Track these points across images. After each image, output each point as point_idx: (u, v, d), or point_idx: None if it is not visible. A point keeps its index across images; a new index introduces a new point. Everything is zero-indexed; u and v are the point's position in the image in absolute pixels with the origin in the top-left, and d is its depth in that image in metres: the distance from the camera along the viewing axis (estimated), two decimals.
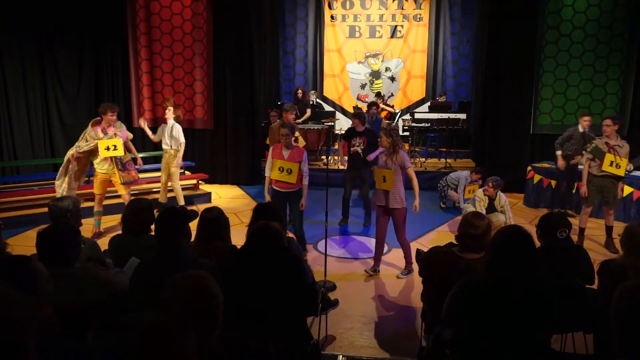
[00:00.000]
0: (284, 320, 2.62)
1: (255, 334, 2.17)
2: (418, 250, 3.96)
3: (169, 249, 2.69)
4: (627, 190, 7.02)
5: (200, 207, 7.52)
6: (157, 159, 8.18)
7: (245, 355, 1.89)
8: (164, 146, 6.94)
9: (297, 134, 7.20)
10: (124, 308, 2.38)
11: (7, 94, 8.09)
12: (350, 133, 6.87)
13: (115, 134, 5.99)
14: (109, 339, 1.86)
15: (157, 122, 9.32)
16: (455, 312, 2.37)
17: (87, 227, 5.48)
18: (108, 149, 5.89)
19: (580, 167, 6.75)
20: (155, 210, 3.34)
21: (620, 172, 5.82)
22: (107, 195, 6.45)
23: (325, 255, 4.67)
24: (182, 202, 6.96)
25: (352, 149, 6.84)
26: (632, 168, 7.22)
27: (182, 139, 6.87)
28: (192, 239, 3.32)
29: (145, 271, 2.65)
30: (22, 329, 1.29)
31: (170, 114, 6.90)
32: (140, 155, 7.15)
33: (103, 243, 3.57)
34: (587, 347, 3.26)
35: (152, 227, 3.20)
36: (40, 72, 8.49)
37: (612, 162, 5.80)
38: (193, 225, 3.01)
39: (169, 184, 7.10)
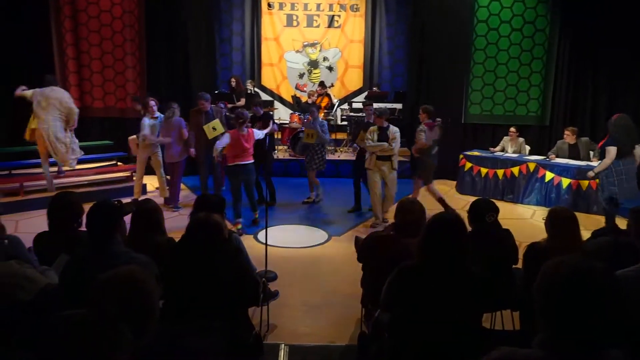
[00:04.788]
0: (224, 312, 2.59)
1: (195, 327, 2.13)
2: (356, 237, 4.04)
3: (101, 244, 2.58)
4: (549, 176, 7.52)
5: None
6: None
7: (183, 350, 1.85)
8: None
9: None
10: (53, 307, 2.25)
11: None
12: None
13: None
14: (36, 341, 1.76)
15: (87, 112, 8.86)
16: (392, 296, 2.45)
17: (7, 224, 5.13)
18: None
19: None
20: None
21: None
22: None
23: (266, 245, 4.65)
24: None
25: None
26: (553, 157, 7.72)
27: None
28: (127, 232, 3.20)
29: (75, 268, 2.53)
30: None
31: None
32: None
33: (27, 241, 3.36)
34: (513, 324, 3.48)
35: (81, 222, 3.06)
36: None
37: None
38: (128, 218, 2.90)
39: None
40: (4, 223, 3.07)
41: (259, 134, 6.54)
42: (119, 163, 8.48)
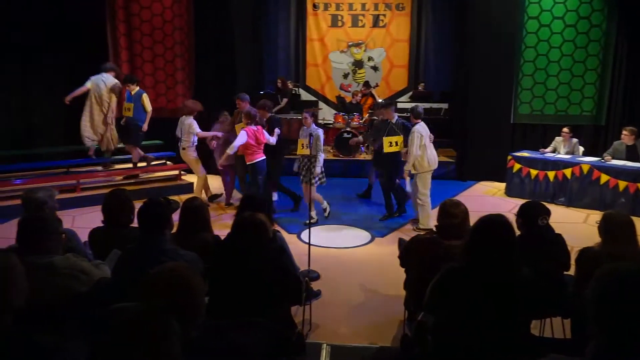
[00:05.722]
0: (267, 310, 2.62)
1: (240, 323, 2.18)
2: (400, 239, 4.00)
3: (151, 241, 2.67)
4: (604, 178, 7.18)
5: (182, 198, 7.46)
6: None
7: (228, 344, 1.89)
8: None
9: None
10: (105, 300, 2.35)
11: None
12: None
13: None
14: (89, 332, 1.85)
15: None
16: (436, 299, 2.41)
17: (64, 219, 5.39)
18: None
19: None
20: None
21: None
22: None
23: (309, 244, 4.68)
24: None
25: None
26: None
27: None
28: (174, 230, 3.30)
29: (127, 263, 2.63)
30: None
31: None
32: None
33: (83, 235, 3.52)
34: (564, 332, 3.35)
35: (133, 218, 3.18)
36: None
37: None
38: (175, 215, 2.99)
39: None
40: (61, 218, 3.23)
41: (271, 139, 6.49)
42: (168, 162, 8.76)
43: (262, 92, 10.29)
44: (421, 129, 6.25)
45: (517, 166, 8.07)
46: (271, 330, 2.39)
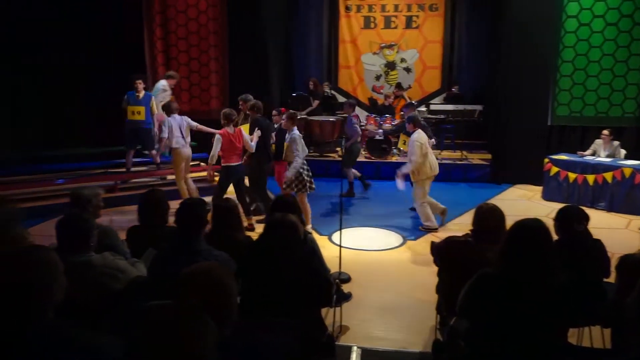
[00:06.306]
0: (298, 311, 2.63)
1: (270, 323, 2.19)
2: (432, 243, 3.94)
3: (187, 241, 2.72)
4: None
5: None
6: None
7: (258, 344, 1.90)
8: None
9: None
10: (140, 298, 2.41)
11: (26, 88, 8.43)
12: None
13: None
14: (125, 328, 1.89)
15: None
16: (469, 304, 2.36)
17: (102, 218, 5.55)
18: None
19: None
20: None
21: None
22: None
23: (340, 246, 4.67)
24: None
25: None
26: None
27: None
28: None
29: (162, 262, 2.69)
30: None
31: None
32: None
33: (121, 234, 3.62)
34: (604, 342, 3.23)
35: (168, 217, 3.25)
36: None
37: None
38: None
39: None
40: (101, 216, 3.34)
41: (250, 144, 6.14)
42: (201, 164, 8.91)
43: (294, 94, 10.36)
44: (420, 136, 6.17)
45: (554, 169, 7.84)
46: (301, 331, 2.40)
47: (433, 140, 6.42)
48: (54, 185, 7.35)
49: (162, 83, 8.25)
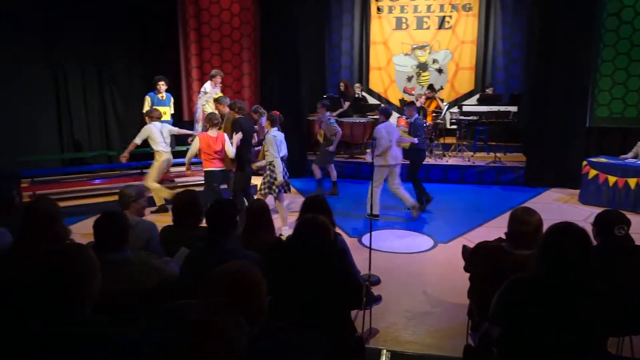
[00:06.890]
0: (328, 312, 2.63)
1: (298, 325, 2.19)
2: (464, 246, 3.87)
3: (218, 241, 2.76)
4: None
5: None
6: None
7: (287, 345, 1.91)
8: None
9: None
10: (173, 296, 2.46)
11: (67, 92, 8.71)
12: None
13: None
14: (159, 325, 1.93)
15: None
16: (503, 310, 2.31)
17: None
18: None
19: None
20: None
21: None
22: None
23: (370, 248, 4.65)
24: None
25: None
26: None
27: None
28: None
29: (194, 262, 2.74)
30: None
31: None
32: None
33: None
34: None
35: (202, 218, 3.31)
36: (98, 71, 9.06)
37: None
38: None
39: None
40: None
41: (230, 149, 6.04)
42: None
43: (325, 96, 10.37)
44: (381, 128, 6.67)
45: (593, 172, 7.59)
46: (330, 333, 2.40)
47: (415, 139, 6.93)
48: (91, 185, 7.60)
49: (204, 86, 8.33)
